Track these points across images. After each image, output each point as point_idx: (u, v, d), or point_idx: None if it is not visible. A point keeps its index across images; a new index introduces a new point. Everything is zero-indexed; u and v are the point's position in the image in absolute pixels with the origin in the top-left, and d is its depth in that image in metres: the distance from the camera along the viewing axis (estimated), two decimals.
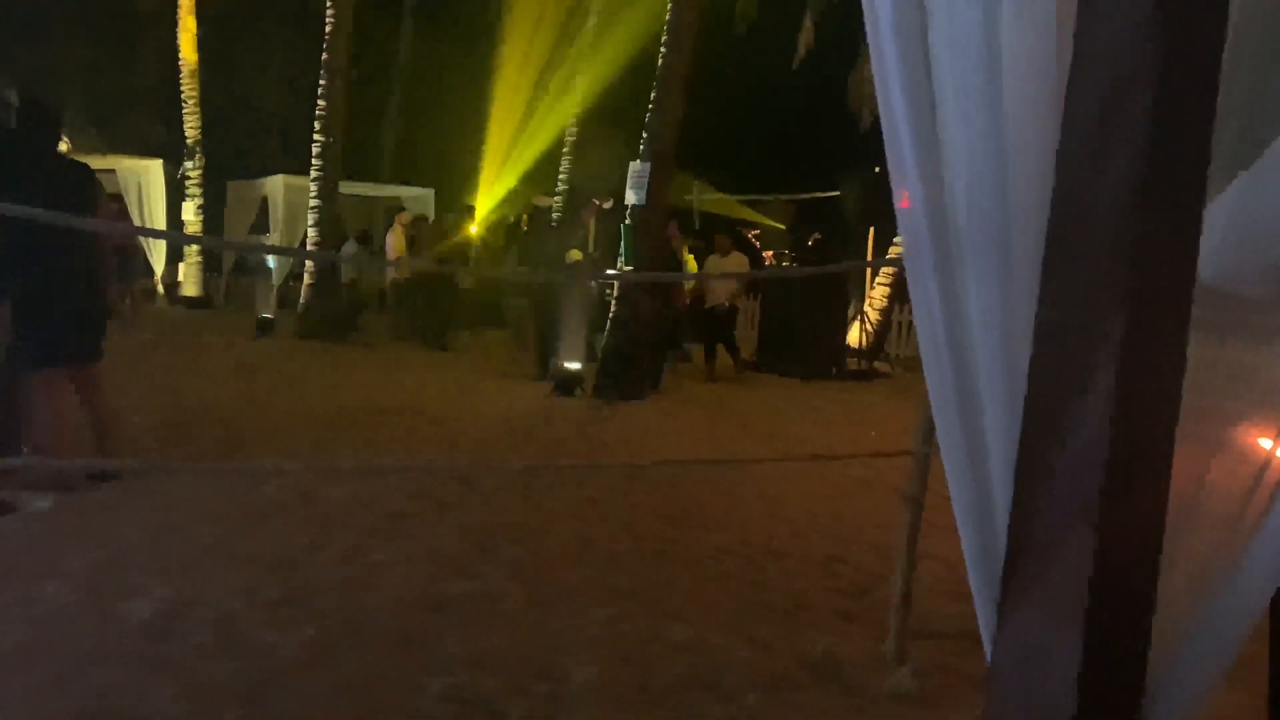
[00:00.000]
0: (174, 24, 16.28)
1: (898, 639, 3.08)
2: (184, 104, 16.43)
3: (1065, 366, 1.13)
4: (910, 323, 14.84)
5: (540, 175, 19.96)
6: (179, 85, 16.46)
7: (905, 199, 1.51)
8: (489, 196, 19.63)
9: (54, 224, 3.76)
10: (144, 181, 15.59)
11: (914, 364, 13.53)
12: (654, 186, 8.97)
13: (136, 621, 3.09)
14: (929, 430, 2.99)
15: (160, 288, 16.26)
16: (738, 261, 10.98)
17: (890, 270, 13.48)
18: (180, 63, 16.33)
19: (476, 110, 21.78)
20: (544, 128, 20.17)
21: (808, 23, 16.16)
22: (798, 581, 3.87)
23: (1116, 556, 1.09)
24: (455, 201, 17.73)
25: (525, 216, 12.94)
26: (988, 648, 1.37)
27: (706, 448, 6.65)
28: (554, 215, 11.50)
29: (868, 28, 1.51)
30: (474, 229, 14.50)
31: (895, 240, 14.02)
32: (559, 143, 19.23)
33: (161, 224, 15.44)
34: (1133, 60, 1.12)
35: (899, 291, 14.12)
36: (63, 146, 5.81)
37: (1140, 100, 1.11)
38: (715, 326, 10.92)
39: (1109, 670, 1.10)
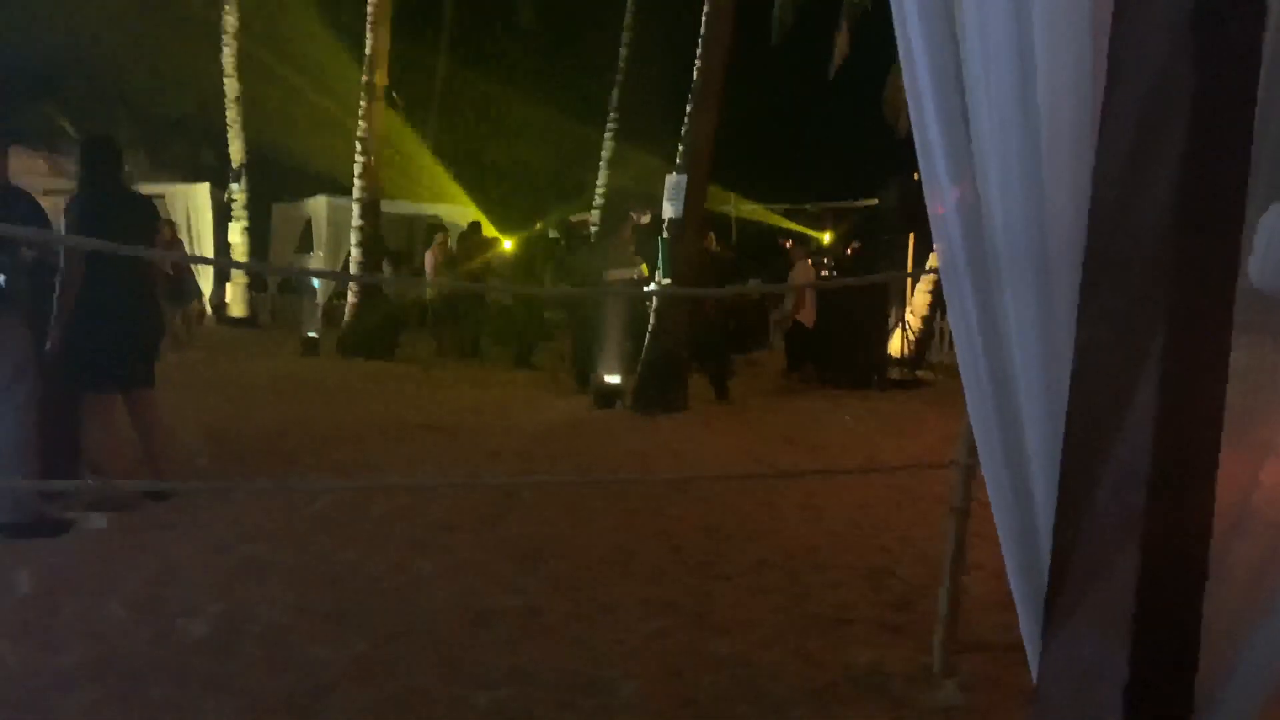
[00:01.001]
0: (218, 50, 16.66)
1: (944, 651, 3.06)
2: (229, 129, 16.79)
3: (1106, 383, 1.13)
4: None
5: (576, 190, 20.09)
6: (224, 111, 16.84)
7: (940, 205, 1.51)
8: (525, 213, 19.79)
9: (116, 254, 3.89)
10: (192, 205, 15.95)
11: (957, 371, 13.33)
12: (690, 198, 9.00)
13: (191, 638, 3.16)
14: (973, 440, 2.97)
15: (209, 308, 16.59)
16: (804, 272, 10.99)
17: (932, 277, 13.37)
18: (224, 88, 16.71)
19: (514, 127, 21.98)
20: (580, 142, 20.31)
21: (843, 31, 16.11)
22: (842, 593, 3.85)
23: (1163, 571, 1.09)
24: (494, 218, 17.92)
25: (564, 231, 13.04)
26: (1033, 662, 1.37)
27: (748, 459, 6.64)
28: (590, 230, 11.56)
29: (899, 39, 1.51)
30: (507, 244, 14.66)
31: (936, 247, 13.90)
32: (595, 157, 19.35)
33: (209, 246, 15.77)
34: (1169, 77, 1.12)
35: (941, 299, 14.00)
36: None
37: (1178, 116, 1.11)
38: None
39: (1157, 685, 1.10)
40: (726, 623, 3.44)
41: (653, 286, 9.78)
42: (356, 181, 13.29)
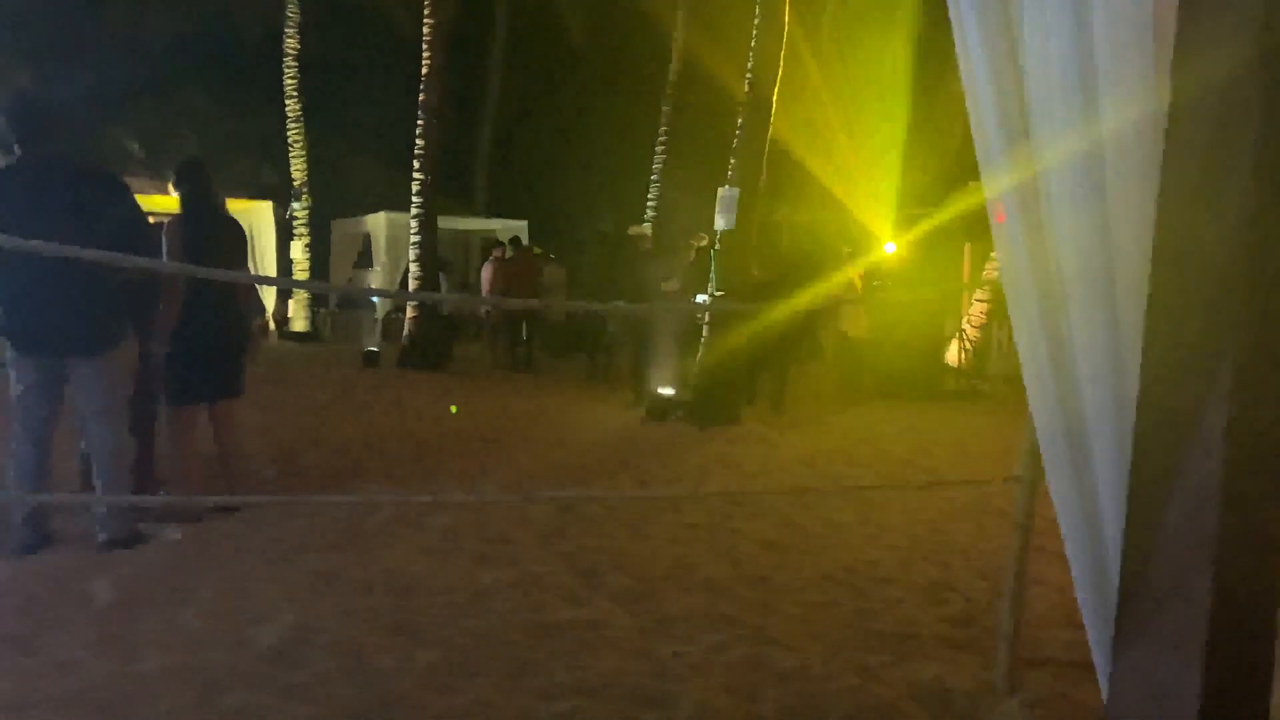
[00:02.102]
0: (280, 73, 17.10)
1: (1008, 668, 3.03)
2: (290, 148, 17.21)
3: (1174, 403, 1.13)
4: (1010, 340, 14.49)
5: (629, 202, 20.19)
6: (286, 130, 17.27)
7: (1000, 213, 1.52)
8: (579, 226, 19.95)
9: (210, 276, 4.07)
10: (255, 223, 16.34)
11: (1015, 382, 13.16)
12: (742, 211, 9.02)
13: (264, 647, 3.25)
14: (1035, 454, 2.95)
15: (272, 324, 16.98)
16: (850, 287, 10.93)
17: (988, 286, 13.21)
18: (286, 109, 17.14)
19: (566, 142, 22.17)
20: (633, 155, 20.42)
21: (896, 39, 16.00)
22: (904, 608, 3.83)
23: (1236, 592, 1.09)
24: (547, 232, 18.11)
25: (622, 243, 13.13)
26: (1103, 681, 1.37)
27: (805, 472, 6.63)
28: (649, 243, 11.59)
29: (960, 57, 1.52)
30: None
31: (991, 255, 13.74)
32: (648, 169, 19.43)
33: (272, 263, 16.15)
34: (1236, 97, 1.12)
35: (998, 309, 13.82)
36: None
37: (1245, 136, 1.11)
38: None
39: (1230, 707, 1.10)
40: (788, 637, 3.44)
41: (704, 298, 9.80)
42: (414, 198, 13.54)
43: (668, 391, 9.01)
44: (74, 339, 4.09)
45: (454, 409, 9.00)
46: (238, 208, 16.29)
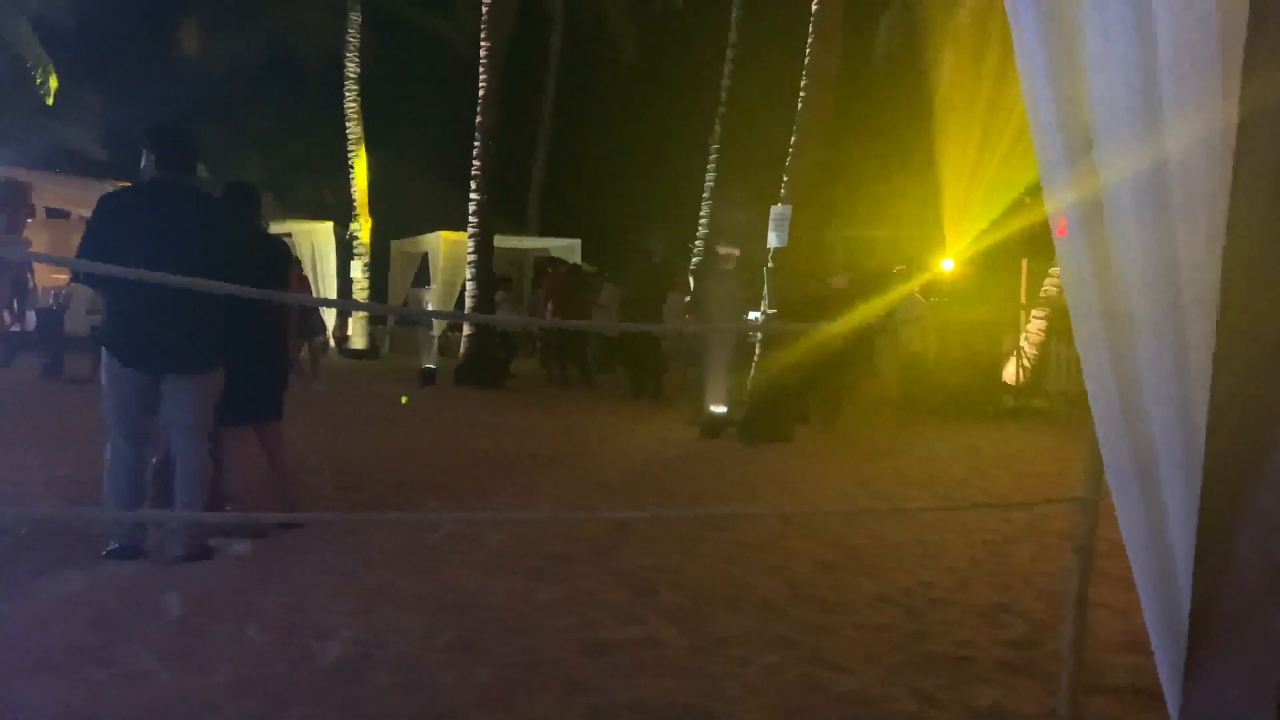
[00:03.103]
0: (341, 96, 17.52)
1: (1070, 693, 2.97)
2: (351, 169, 17.59)
3: (1245, 432, 1.12)
4: (1071, 357, 14.22)
5: (682, 222, 20.26)
6: (347, 152, 17.67)
7: (1063, 226, 1.49)
8: (631, 244, 20.04)
9: (256, 298, 4.18)
10: (316, 243, 16.75)
11: (1075, 400, 12.95)
12: (795, 228, 9.01)
13: (326, 662, 3.31)
14: (1097, 475, 2.90)
15: (332, 341, 17.34)
16: (910, 303, 10.83)
17: (1046, 301, 13.00)
18: (347, 131, 17.55)
19: (619, 160, 22.33)
20: (685, 174, 20.49)
21: (947, 53, 15.88)
22: (962, 631, 3.79)
23: None
24: (600, 251, 18.25)
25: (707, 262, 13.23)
26: (1173, 709, 1.35)
27: (859, 491, 6.58)
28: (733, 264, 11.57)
29: (1017, 58, 1.51)
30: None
31: (1050, 271, 13.52)
32: (700, 187, 19.49)
33: (333, 283, 16.54)
34: None
35: (1056, 325, 13.58)
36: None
37: None
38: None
39: None
40: (843, 659, 3.42)
41: (757, 316, 9.79)
42: (471, 218, 13.76)
43: (720, 409, 9.01)
44: (175, 357, 4.25)
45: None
46: (300, 228, 16.74)
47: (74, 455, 6.27)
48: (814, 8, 9.18)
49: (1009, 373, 12.87)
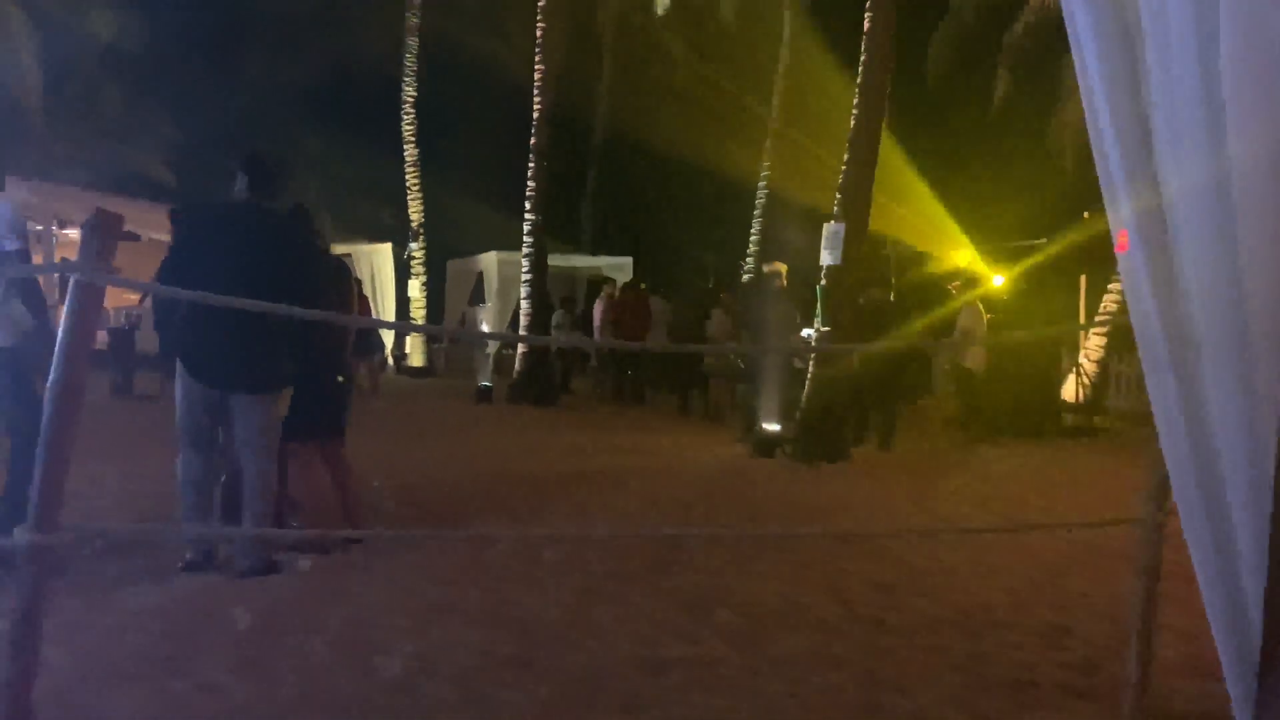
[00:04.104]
0: (398, 120, 17.90)
1: (1135, 718, 2.94)
2: (408, 191, 17.95)
3: None
4: (1131, 375, 13.94)
5: (733, 239, 20.29)
6: (404, 174, 18.03)
7: (1123, 238, 1.48)
8: (679, 262, 20.14)
9: (320, 319, 4.32)
10: (375, 263, 17.10)
11: (1136, 418, 12.68)
12: (849, 246, 8.99)
13: (389, 676, 3.38)
14: (1160, 495, 2.87)
15: (391, 359, 17.63)
16: (975, 314, 10.69)
17: (1106, 317, 12.78)
18: (404, 154, 17.92)
19: (670, 178, 22.45)
20: (736, 192, 20.52)
21: (1003, 69, 15.74)
22: (1022, 654, 3.75)
23: None
24: (652, 270, 18.35)
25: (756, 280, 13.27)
26: None
27: (916, 511, 6.52)
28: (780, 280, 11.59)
29: (1077, 69, 1.52)
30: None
31: (1109, 287, 13.28)
32: (751, 206, 19.50)
33: (391, 302, 16.87)
34: None
35: (1116, 342, 13.34)
36: None
37: None
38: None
39: None
40: (901, 680, 3.41)
41: (811, 333, 9.77)
42: (526, 238, 13.94)
43: (774, 427, 9.00)
44: (247, 376, 4.39)
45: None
46: (360, 250, 17.10)
47: (145, 470, 6.46)
48: (866, 25, 9.18)
49: (1068, 390, 12.66)
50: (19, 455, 4.22)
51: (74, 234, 14.18)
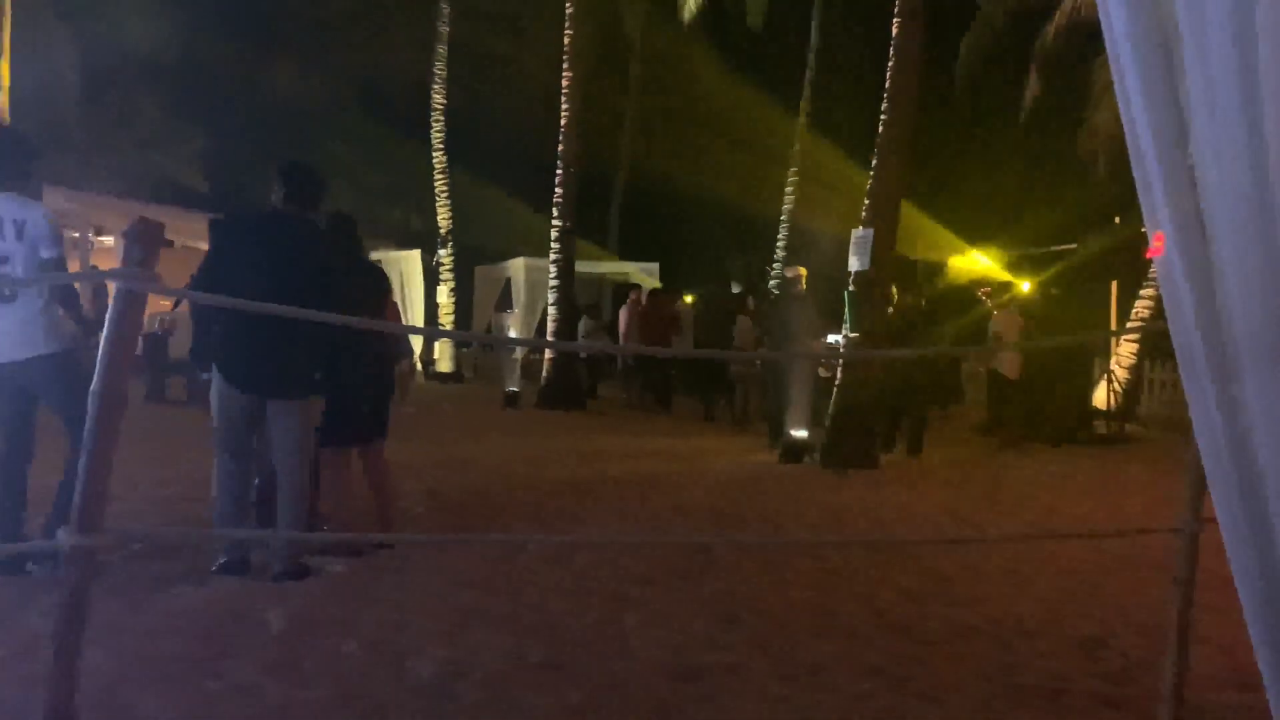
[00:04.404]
0: (427, 126, 18.05)
1: None
2: (437, 198, 18.09)
3: None
4: (1164, 381, 13.79)
5: (760, 245, 20.27)
6: (433, 181, 18.17)
7: (1159, 241, 1.47)
8: (706, 267, 20.14)
9: (355, 324, 4.37)
10: (405, 270, 17.25)
11: (1170, 424, 12.54)
12: (877, 252, 8.96)
13: (421, 679, 3.41)
14: (1196, 504, 2.84)
15: (419, 365, 17.76)
16: (1006, 321, 10.60)
17: (1138, 324, 12.65)
18: (433, 160, 18.06)
19: (697, 185, 22.49)
20: (763, 197, 20.51)
21: (1033, 74, 15.63)
22: (1054, 664, 3.71)
23: None
24: (678, 275, 18.38)
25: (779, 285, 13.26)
26: None
27: (946, 519, 6.48)
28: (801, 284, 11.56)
29: (1113, 72, 1.51)
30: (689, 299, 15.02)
31: (1141, 293, 13.14)
32: (778, 211, 19.48)
33: (420, 308, 17.00)
34: None
35: (1148, 348, 13.19)
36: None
37: None
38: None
39: None
40: (933, 689, 3.39)
41: (839, 339, 9.74)
42: (553, 245, 14.01)
43: (801, 434, 8.98)
44: (282, 382, 4.45)
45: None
46: (389, 256, 17.25)
47: (180, 474, 6.56)
48: (894, 30, 9.16)
49: (1099, 397, 12.53)
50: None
51: (109, 241, 14.42)
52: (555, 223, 13.96)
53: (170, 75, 20.46)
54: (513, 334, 16.51)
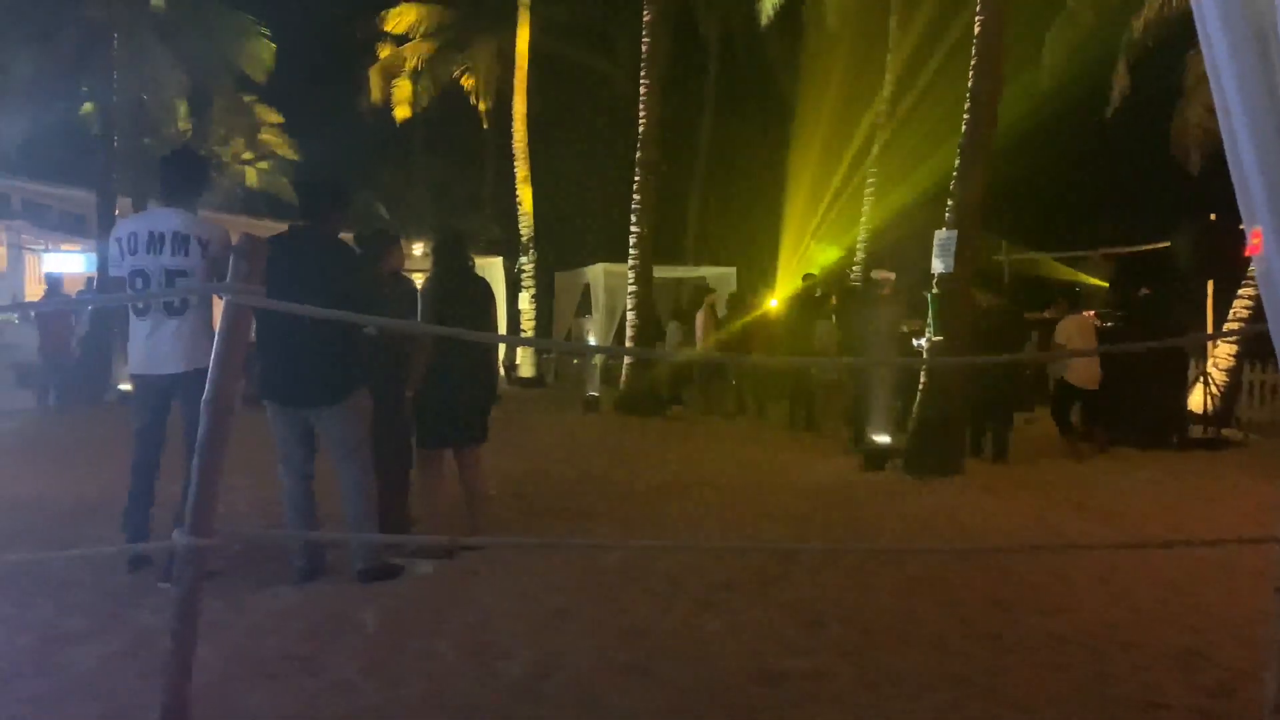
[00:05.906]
0: (508, 136, 18.38)
1: None
2: (518, 206, 18.40)
3: None
4: (1264, 384, 13.25)
5: (839, 248, 20.08)
6: (514, 190, 18.49)
7: (1256, 239, 1.45)
8: (789, 271, 20.01)
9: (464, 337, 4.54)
10: (488, 277, 17.56)
11: (1271, 429, 12.01)
12: (961, 254, 8.80)
13: (509, 679, 3.50)
14: None
15: (502, 370, 18.09)
16: (1073, 327, 10.29)
17: (1236, 325, 12.17)
18: (514, 169, 18.37)
19: (774, 189, 22.39)
20: (842, 200, 20.33)
21: (1122, 69, 15.15)
22: (1150, 675, 3.63)
23: None
24: (756, 279, 18.32)
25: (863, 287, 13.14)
26: None
27: (1035, 526, 6.35)
28: (888, 287, 11.40)
29: (1206, 65, 1.50)
30: (773, 303, 14.89)
31: (1240, 293, 12.64)
32: (858, 214, 19.27)
33: (502, 314, 17.31)
34: None
35: (1248, 349, 12.68)
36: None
37: None
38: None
39: None
40: (1023, 700, 3.34)
41: (923, 343, 9.60)
42: (631, 250, 14.10)
43: (884, 439, 8.87)
44: (317, 391, 4.62)
45: None
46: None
47: (273, 478, 6.79)
48: (976, 30, 9.00)
49: (1195, 400, 12.09)
50: None
51: None
52: (633, 229, 14.04)
53: (265, 91, 21.20)
54: (592, 340, 16.68)
